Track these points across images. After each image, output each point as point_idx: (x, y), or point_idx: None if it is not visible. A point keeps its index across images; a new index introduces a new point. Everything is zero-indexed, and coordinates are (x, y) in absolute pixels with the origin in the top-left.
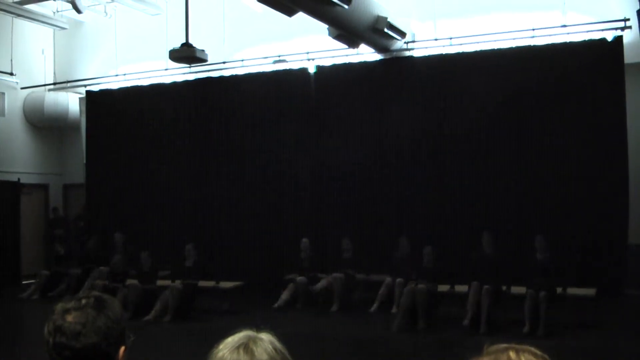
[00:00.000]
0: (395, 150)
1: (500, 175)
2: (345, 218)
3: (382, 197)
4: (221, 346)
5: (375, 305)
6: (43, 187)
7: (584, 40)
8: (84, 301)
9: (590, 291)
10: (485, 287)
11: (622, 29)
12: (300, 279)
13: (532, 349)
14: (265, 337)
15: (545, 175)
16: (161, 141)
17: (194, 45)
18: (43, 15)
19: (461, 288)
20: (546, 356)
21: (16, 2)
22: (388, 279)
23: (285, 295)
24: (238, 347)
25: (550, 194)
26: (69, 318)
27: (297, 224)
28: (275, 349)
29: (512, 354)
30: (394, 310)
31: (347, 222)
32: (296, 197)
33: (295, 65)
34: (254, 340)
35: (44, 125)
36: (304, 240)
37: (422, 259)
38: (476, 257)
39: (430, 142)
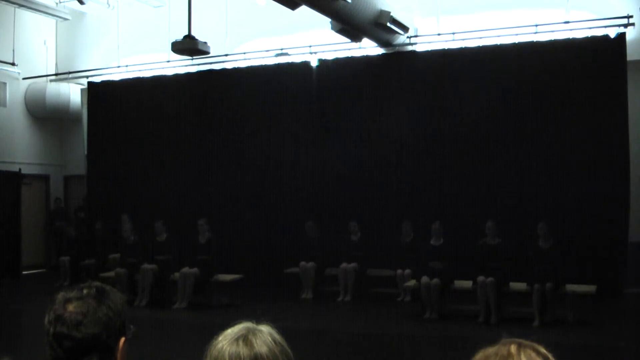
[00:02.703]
0: (397, 144)
1: (501, 171)
2: (347, 210)
3: (384, 190)
4: (220, 338)
5: (401, 297)
6: (44, 178)
7: (587, 37)
8: (85, 291)
9: (590, 288)
10: (490, 280)
11: (625, 25)
12: (310, 264)
13: (537, 346)
14: (265, 328)
15: (545, 171)
16: (162, 133)
17: (197, 37)
18: (45, 6)
19: (467, 284)
20: (549, 355)
21: None
22: (399, 271)
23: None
24: (237, 339)
25: (551, 190)
26: (70, 308)
27: (298, 217)
28: (274, 340)
29: (513, 348)
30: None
31: (349, 215)
32: (297, 190)
33: (297, 59)
34: (254, 332)
35: (46, 116)
36: (309, 222)
37: (429, 238)
38: (480, 247)
39: (432, 137)
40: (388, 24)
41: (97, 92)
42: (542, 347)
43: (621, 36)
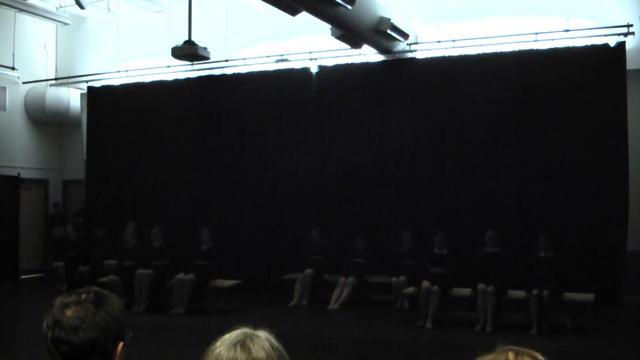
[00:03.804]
0: (396, 151)
1: (501, 179)
2: (346, 218)
3: (383, 198)
4: (218, 343)
5: (399, 303)
6: (43, 183)
7: (587, 46)
8: (83, 296)
9: (588, 296)
10: (490, 288)
11: (625, 34)
12: (308, 271)
13: (534, 353)
14: (262, 334)
15: (545, 180)
16: (162, 139)
17: (197, 43)
18: (46, 11)
19: (465, 291)
20: None
21: None
22: (394, 279)
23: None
24: (235, 344)
25: (551, 199)
26: (68, 312)
27: (297, 223)
28: (272, 346)
29: (510, 356)
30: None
31: (348, 222)
32: (296, 196)
33: (297, 65)
34: (251, 337)
35: (45, 120)
36: (314, 231)
37: (432, 248)
38: (480, 255)
39: (431, 144)
40: (388, 31)
41: (97, 97)
42: (539, 354)
43: (621, 45)
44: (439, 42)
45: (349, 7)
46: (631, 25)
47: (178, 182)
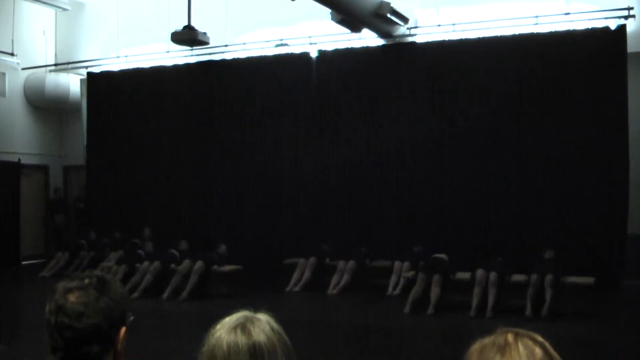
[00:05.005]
0: (396, 135)
1: (501, 164)
2: (345, 204)
3: (382, 183)
4: (218, 326)
5: (390, 289)
6: (43, 169)
7: (587, 29)
8: (86, 281)
9: (588, 280)
10: (492, 274)
11: (626, 17)
12: (311, 259)
13: (534, 335)
14: (263, 317)
15: (546, 164)
16: (161, 123)
17: (196, 28)
18: None
19: (465, 275)
20: (546, 344)
21: None
22: (397, 263)
23: (296, 277)
24: (235, 328)
25: (551, 183)
26: (71, 298)
27: (297, 208)
28: (272, 329)
29: (509, 337)
30: (392, 292)
31: (348, 206)
32: (296, 182)
33: (297, 50)
34: (252, 320)
35: (45, 106)
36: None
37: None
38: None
39: (430, 128)
40: (388, 15)
41: (97, 83)
42: (538, 335)
43: (622, 28)
44: (439, 26)
45: None
46: (632, 8)
47: (179, 164)
